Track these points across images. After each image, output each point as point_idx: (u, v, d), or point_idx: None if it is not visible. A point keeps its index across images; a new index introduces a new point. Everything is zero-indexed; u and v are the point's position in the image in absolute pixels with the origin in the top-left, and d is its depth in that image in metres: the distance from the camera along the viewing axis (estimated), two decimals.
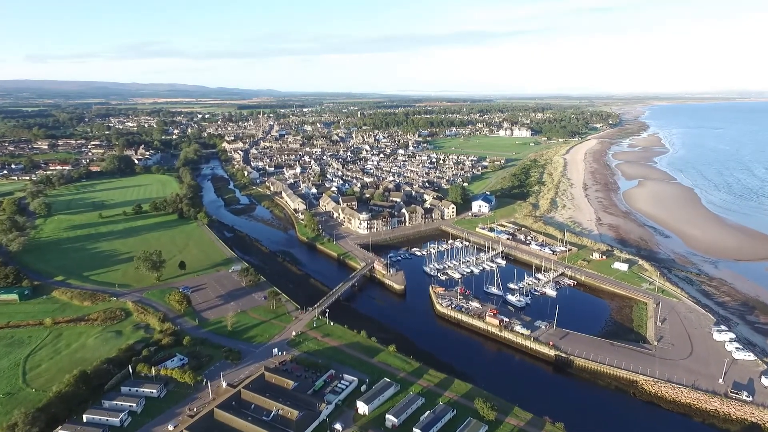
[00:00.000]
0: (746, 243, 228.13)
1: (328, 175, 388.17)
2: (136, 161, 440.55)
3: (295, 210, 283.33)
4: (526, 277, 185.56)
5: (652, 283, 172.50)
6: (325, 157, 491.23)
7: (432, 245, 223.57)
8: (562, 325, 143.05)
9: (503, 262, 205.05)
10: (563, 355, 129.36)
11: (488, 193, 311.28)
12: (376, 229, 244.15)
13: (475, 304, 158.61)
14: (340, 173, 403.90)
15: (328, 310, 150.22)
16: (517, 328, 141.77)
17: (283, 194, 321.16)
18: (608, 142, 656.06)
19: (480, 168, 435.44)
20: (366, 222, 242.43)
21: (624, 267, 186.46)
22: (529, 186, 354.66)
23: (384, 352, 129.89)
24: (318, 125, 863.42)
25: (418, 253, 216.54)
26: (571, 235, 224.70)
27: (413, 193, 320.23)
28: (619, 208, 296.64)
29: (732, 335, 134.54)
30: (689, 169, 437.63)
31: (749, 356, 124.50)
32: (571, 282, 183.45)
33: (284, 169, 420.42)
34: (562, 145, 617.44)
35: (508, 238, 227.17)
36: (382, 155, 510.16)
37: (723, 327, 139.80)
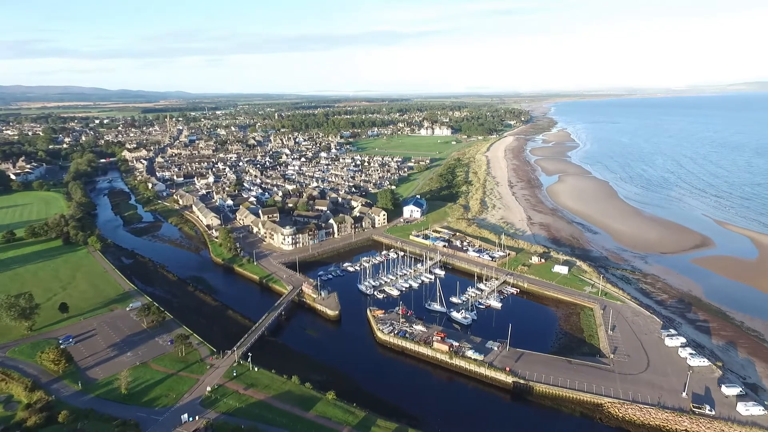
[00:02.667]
0: (666, 235, 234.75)
1: (245, 184, 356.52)
2: (13, 176, 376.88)
3: (208, 226, 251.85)
4: (468, 289, 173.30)
5: (594, 286, 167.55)
6: (241, 164, 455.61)
7: (365, 258, 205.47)
8: (515, 344, 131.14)
9: (442, 273, 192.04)
10: (522, 381, 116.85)
11: (419, 196, 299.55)
12: (302, 243, 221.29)
13: (419, 328, 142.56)
14: (258, 181, 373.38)
15: (250, 354, 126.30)
16: (469, 353, 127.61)
17: (194, 208, 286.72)
18: (524, 139, 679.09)
19: (406, 169, 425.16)
20: (290, 237, 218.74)
21: (564, 270, 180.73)
22: (457, 186, 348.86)
23: (322, 401, 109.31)
24: (233, 129, 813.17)
25: (351, 269, 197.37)
26: (507, 238, 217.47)
27: (340, 200, 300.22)
28: (546, 205, 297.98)
29: (683, 339, 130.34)
30: (600, 163, 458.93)
31: (704, 362, 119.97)
32: (514, 290, 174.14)
33: (195, 179, 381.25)
34: (483, 142, 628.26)
35: (444, 246, 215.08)
36: (303, 159, 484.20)
37: (672, 331, 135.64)
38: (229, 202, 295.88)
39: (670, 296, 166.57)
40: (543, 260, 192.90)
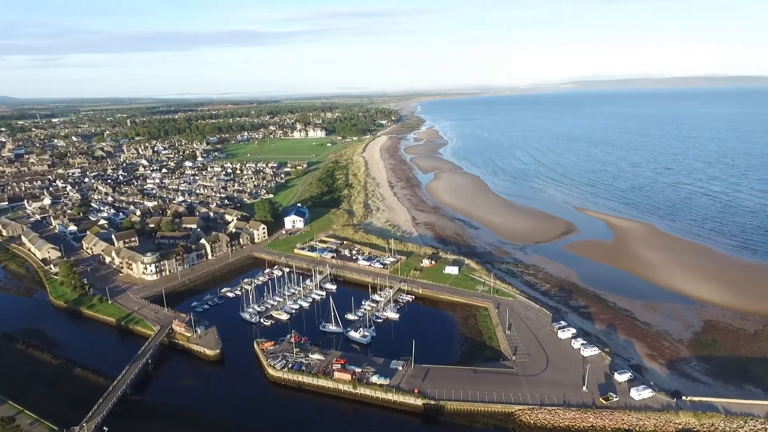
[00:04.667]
0: (537, 224, 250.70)
1: (93, 204, 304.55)
2: None
3: (44, 261, 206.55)
4: (363, 302, 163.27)
5: (485, 284, 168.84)
6: (87, 180, 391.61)
7: (246, 280, 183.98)
8: (419, 359, 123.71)
9: (334, 287, 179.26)
10: (432, 402, 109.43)
11: (300, 204, 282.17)
12: (169, 271, 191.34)
13: (316, 357, 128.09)
14: (110, 199, 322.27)
15: (107, 428, 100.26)
16: (374, 378, 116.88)
17: (24, 239, 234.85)
18: (397, 138, 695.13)
19: (283, 175, 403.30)
20: (153, 264, 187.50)
21: (455, 270, 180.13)
22: (338, 191, 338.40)
23: None
24: (74, 139, 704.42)
25: (231, 295, 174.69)
26: (396, 242, 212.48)
27: (212, 214, 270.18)
28: (427, 204, 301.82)
29: (573, 330, 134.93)
30: (469, 158, 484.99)
31: (594, 351, 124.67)
32: (409, 297, 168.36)
33: (26, 202, 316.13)
34: (358, 143, 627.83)
35: (333, 257, 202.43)
36: (165, 170, 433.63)
37: (563, 322, 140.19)
38: (72, 228, 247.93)
39: (552, 285, 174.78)
40: (433, 262, 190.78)
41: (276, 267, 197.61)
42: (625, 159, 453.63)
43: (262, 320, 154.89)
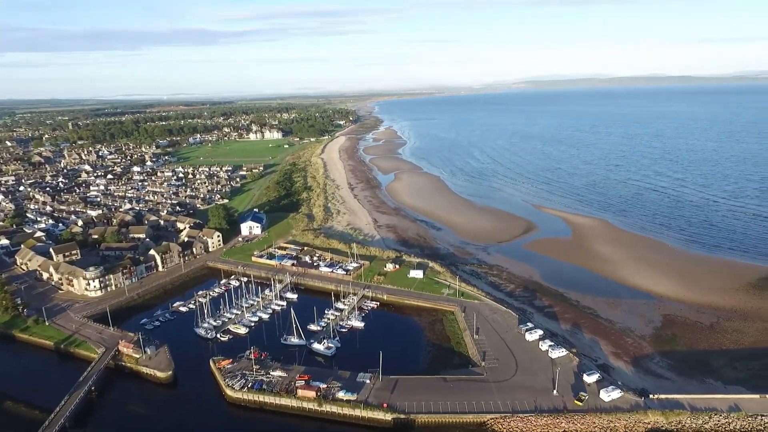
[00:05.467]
0: (498, 223, 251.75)
1: (29, 215, 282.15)
2: None
3: None
4: (326, 311, 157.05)
5: (450, 287, 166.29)
6: (22, 188, 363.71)
7: (201, 293, 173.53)
8: (387, 371, 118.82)
9: (295, 296, 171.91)
10: (402, 416, 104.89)
11: (256, 210, 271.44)
12: (115, 286, 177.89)
13: (278, 374, 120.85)
14: (49, 209, 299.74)
15: None
16: (340, 394, 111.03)
17: None
18: (355, 138, 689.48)
19: (238, 179, 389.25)
20: (97, 279, 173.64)
21: (419, 274, 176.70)
22: (297, 194, 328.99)
23: None
24: (8, 144, 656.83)
25: (184, 309, 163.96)
26: (358, 246, 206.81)
27: (162, 222, 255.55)
28: (388, 205, 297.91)
29: (540, 331, 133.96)
30: (428, 158, 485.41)
31: (562, 352, 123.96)
32: (374, 304, 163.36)
33: None
34: (316, 144, 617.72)
35: (293, 264, 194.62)
36: (110, 176, 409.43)
37: (529, 324, 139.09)
38: (4, 241, 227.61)
39: (517, 285, 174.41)
40: (397, 266, 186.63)
41: (233, 277, 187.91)
42: (577, 156, 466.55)
43: (218, 336, 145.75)
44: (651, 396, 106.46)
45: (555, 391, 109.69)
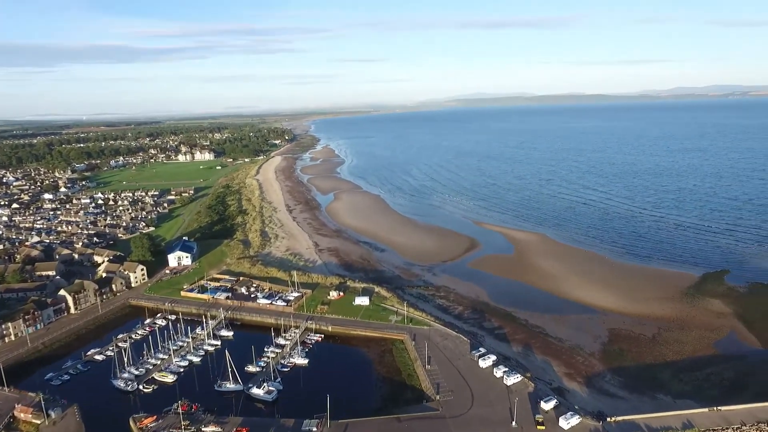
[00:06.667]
0: (442, 242, 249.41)
1: None
2: None
3: None
4: (266, 349, 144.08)
5: (398, 313, 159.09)
6: None
7: (121, 336, 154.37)
8: (336, 415, 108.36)
9: (230, 334, 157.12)
10: None
11: (186, 238, 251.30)
12: (15, 335, 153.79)
13: (210, 429, 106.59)
14: None
15: None
16: None
17: None
18: (292, 158, 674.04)
19: (166, 204, 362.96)
20: None
21: (365, 301, 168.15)
22: (231, 218, 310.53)
23: None
24: None
25: (100, 357, 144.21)
26: (299, 274, 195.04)
27: (76, 256, 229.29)
28: (329, 227, 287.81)
29: (493, 357, 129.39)
30: (367, 177, 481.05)
31: (517, 378, 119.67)
32: (318, 337, 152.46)
33: None
34: (251, 165, 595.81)
35: (228, 297, 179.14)
36: (17, 205, 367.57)
37: (482, 350, 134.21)
38: None
39: (465, 307, 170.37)
40: (342, 293, 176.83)
41: (159, 316, 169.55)
42: (510, 172, 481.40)
43: (141, 387, 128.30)
44: (609, 419, 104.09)
45: (514, 423, 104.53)
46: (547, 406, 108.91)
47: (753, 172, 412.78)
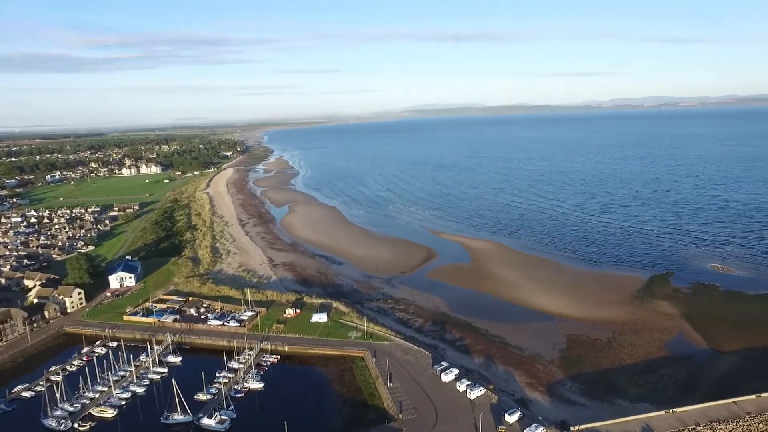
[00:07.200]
0: (399, 253, 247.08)
1: None
2: None
3: None
4: (218, 374, 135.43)
5: (357, 329, 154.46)
6: None
7: (53, 368, 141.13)
8: None
9: (178, 360, 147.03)
10: None
11: (129, 257, 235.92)
12: None
13: None
14: None
15: None
16: None
17: None
18: (244, 170, 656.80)
19: (108, 221, 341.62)
20: None
21: (323, 318, 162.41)
22: (179, 235, 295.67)
23: None
24: None
25: (28, 394, 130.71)
26: (253, 291, 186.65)
27: (3, 281, 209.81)
28: (284, 241, 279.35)
29: (455, 370, 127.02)
30: (323, 188, 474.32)
31: (480, 391, 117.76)
32: (274, 358, 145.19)
33: None
34: (200, 178, 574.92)
35: (175, 320, 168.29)
36: None
37: (444, 363, 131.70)
38: None
39: (425, 319, 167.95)
40: (298, 310, 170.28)
41: (98, 343, 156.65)
42: (464, 182, 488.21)
43: (76, 425, 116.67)
44: (572, 428, 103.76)
45: None
46: (512, 418, 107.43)
47: (687, 178, 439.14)
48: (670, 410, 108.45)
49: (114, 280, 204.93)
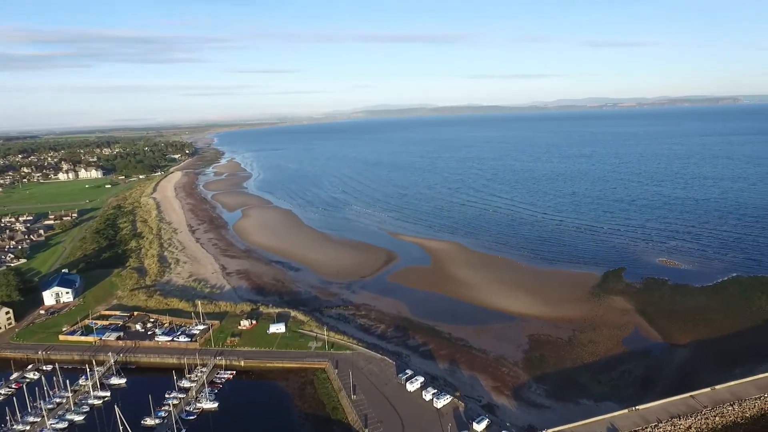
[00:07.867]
0: (358, 256, 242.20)
1: None
2: None
3: None
4: (167, 395, 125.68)
5: (318, 338, 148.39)
6: None
7: None
8: None
9: (122, 381, 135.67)
10: None
11: (66, 270, 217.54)
12: None
13: None
14: None
15: None
16: None
17: None
18: (194, 173, 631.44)
19: (42, 231, 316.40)
20: None
21: (281, 328, 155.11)
22: (123, 243, 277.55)
23: None
24: None
25: None
26: (204, 303, 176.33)
27: None
28: (237, 247, 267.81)
29: (421, 378, 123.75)
30: (277, 191, 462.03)
31: (447, 399, 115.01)
32: (229, 375, 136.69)
33: None
34: (146, 182, 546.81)
35: (119, 337, 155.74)
36: None
37: (408, 372, 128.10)
38: None
39: (387, 325, 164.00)
40: (254, 321, 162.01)
41: (30, 368, 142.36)
42: (420, 182, 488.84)
43: None
44: None
45: None
46: (479, 426, 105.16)
47: (631, 176, 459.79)
48: (633, 408, 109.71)
49: (49, 296, 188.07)
